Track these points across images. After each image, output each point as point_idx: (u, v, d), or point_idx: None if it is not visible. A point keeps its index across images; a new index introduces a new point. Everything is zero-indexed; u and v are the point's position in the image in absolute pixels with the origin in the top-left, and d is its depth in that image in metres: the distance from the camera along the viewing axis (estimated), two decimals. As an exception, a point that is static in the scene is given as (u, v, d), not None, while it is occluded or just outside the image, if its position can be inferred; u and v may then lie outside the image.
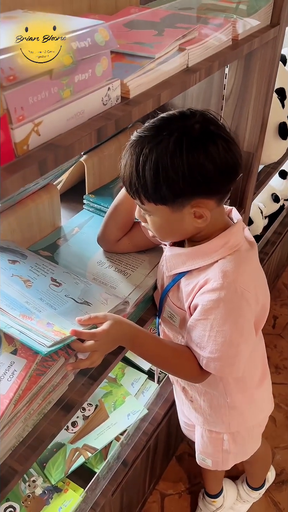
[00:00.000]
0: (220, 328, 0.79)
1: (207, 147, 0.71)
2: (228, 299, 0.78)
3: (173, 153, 0.70)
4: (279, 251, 2.00)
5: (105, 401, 1.26)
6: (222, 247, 0.81)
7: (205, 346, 0.81)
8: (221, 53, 0.84)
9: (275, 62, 1.09)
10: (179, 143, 0.70)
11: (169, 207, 0.76)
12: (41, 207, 1.03)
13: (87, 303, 0.84)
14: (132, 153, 0.75)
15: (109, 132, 0.59)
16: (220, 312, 0.78)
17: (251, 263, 0.85)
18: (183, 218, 0.77)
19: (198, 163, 0.71)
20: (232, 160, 0.74)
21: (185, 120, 0.73)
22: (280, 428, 1.66)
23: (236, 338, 0.80)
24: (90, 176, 1.16)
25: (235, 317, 0.80)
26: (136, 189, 0.75)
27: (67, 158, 0.53)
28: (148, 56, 0.69)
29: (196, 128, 0.72)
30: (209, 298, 0.79)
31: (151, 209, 0.78)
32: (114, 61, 0.67)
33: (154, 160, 0.71)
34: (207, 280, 0.80)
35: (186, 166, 0.70)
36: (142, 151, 0.72)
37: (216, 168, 0.72)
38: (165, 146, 0.71)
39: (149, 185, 0.73)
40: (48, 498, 1.07)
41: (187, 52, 0.75)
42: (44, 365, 0.74)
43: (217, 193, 0.76)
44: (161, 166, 0.71)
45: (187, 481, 1.52)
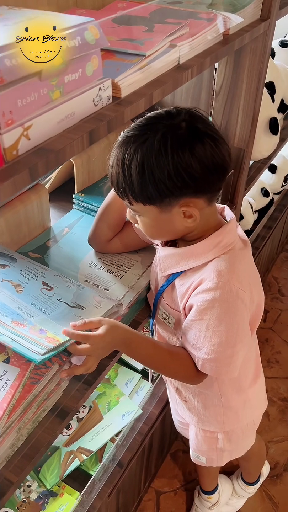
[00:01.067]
0: (216, 329, 0.78)
1: (193, 146, 0.70)
2: (223, 299, 0.77)
3: (158, 152, 0.69)
4: (269, 245, 2.01)
5: (99, 402, 1.24)
6: (216, 247, 0.80)
7: (200, 347, 0.80)
8: (212, 49, 0.82)
9: (265, 57, 1.08)
10: (164, 141, 0.69)
11: (158, 207, 0.74)
12: (30, 208, 1.00)
13: (80, 307, 0.82)
14: (118, 153, 0.73)
15: (101, 134, 0.57)
16: (215, 312, 0.77)
17: (245, 262, 0.84)
18: (172, 218, 0.76)
19: (184, 161, 0.70)
20: (220, 158, 0.73)
21: (171, 119, 0.72)
22: (273, 422, 1.67)
23: (232, 338, 0.79)
24: (79, 174, 1.14)
25: (231, 317, 0.79)
26: (123, 189, 0.74)
27: (58, 163, 0.51)
28: (139, 53, 0.67)
29: (182, 126, 0.71)
30: (204, 298, 0.78)
31: (140, 210, 0.77)
32: (103, 59, 0.65)
33: (139, 160, 0.70)
34: (202, 280, 0.79)
35: (171, 165, 0.69)
36: (129, 150, 0.71)
37: (203, 167, 0.71)
38: (150, 145, 0.70)
39: (135, 185, 0.72)
40: (44, 503, 1.06)
41: (178, 49, 0.73)
42: (37, 372, 0.72)
43: (206, 192, 0.75)
44: (147, 166, 0.70)
45: (182, 478, 1.52)
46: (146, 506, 1.45)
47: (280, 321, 2.05)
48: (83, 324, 0.74)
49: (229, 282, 0.77)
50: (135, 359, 0.83)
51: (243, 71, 1.10)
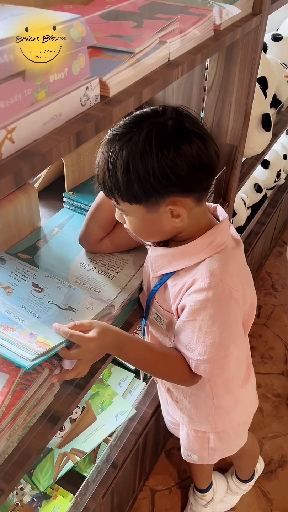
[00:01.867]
0: (209, 329, 0.77)
1: (179, 144, 0.69)
2: (216, 299, 0.76)
3: (143, 150, 0.68)
4: (262, 241, 2.00)
5: (92, 403, 1.23)
6: (208, 246, 0.79)
7: (194, 348, 0.79)
8: (203, 45, 0.80)
9: (258, 52, 1.06)
10: (149, 139, 0.68)
11: (144, 206, 0.73)
12: (19, 207, 0.98)
13: (71, 309, 0.81)
14: (104, 152, 0.72)
15: (89, 135, 0.55)
16: (208, 313, 0.76)
17: (238, 262, 0.83)
18: (160, 218, 0.75)
19: (169, 160, 0.68)
20: (207, 157, 0.72)
21: (158, 117, 0.71)
22: (267, 418, 1.67)
23: (225, 339, 0.78)
24: (69, 172, 1.12)
25: (224, 317, 0.78)
26: (109, 188, 0.73)
27: (44, 166, 0.49)
28: (128, 50, 0.65)
29: (168, 124, 0.70)
30: (197, 298, 0.76)
31: (127, 209, 0.75)
32: (91, 56, 0.63)
33: (124, 158, 0.69)
34: (194, 280, 0.78)
35: (156, 163, 0.68)
36: (113, 148, 0.70)
37: (190, 165, 0.70)
38: (135, 143, 0.69)
39: (121, 184, 0.71)
40: (37, 505, 1.05)
41: (168, 45, 0.71)
42: (27, 378, 0.70)
43: (193, 191, 0.74)
44: (132, 164, 0.69)
45: (177, 475, 1.52)
46: (141, 505, 1.44)
47: (273, 317, 2.05)
48: (73, 326, 0.72)
49: (222, 282, 0.76)
50: (128, 362, 0.83)
51: (235, 66, 1.08)
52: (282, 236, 2.46)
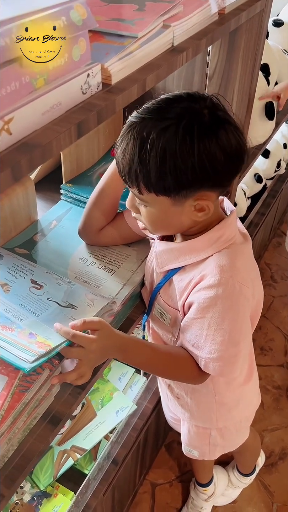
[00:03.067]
0: (219, 327, 0.74)
1: (218, 135, 0.66)
2: (226, 296, 0.73)
3: (182, 140, 0.64)
4: (262, 232, 1.97)
5: (92, 399, 1.21)
6: (216, 241, 0.76)
7: (202, 346, 0.76)
8: (207, 30, 0.77)
9: (261, 38, 1.02)
10: (190, 130, 0.64)
11: (171, 198, 0.70)
12: (15, 200, 0.95)
13: (72, 306, 0.78)
14: (135, 137, 0.67)
15: (91, 125, 0.52)
16: (218, 310, 0.73)
17: (246, 257, 0.80)
18: (182, 211, 0.72)
19: (209, 152, 0.65)
20: (241, 148, 0.69)
21: (193, 104, 0.67)
22: (268, 411, 1.66)
23: (236, 336, 0.76)
24: (66, 163, 1.08)
25: (234, 315, 0.75)
26: (136, 177, 0.68)
27: (44, 159, 0.46)
28: (130, 35, 0.61)
29: (205, 113, 0.67)
30: (206, 295, 0.74)
31: (150, 200, 0.71)
32: (92, 41, 0.59)
33: (161, 147, 0.65)
34: (203, 276, 0.75)
35: (196, 155, 0.65)
36: (147, 135, 0.65)
37: (227, 157, 0.67)
38: (174, 132, 0.64)
39: (152, 174, 0.66)
40: (37, 504, 1.03)
41: (172, 30, 0.68)
42: (27, 380, 0.68)
43: (222, 184, 0.72)
44: (169, 154, 0.65)
45: (178, 469, 1.51)
46: (141, 499, 1.44)
47: (273, 308, 2.03)
48: (82, 323, 0.69)
49: (232, 278, 0.73)
50: (133, 365, 0.80)
51: (238, 52, 1.04)
52: (281, 226, 2.43)
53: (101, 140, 1.16)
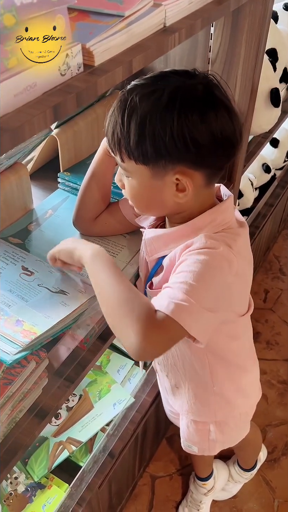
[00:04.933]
0: (196, 281, 0.66)
1: (205, 111, 0.64)
2: (210, 254, 0.67)
3: (165, 106, 0.63)
4: (270, 223, 1.93)
5: (90, 391, 1.20)
6: (208, 225, 0.73)
7: (176, 295, 0.66)
8: (204, 9, 0.73)
9: (266, 20, 0.98)
10: (174, 96, 0.63)
11: (150, 169, 0.68)
12: (8, 189, 0.93)
13: (63, 292, 0.77)
14: (121, 100, 0.67)
15: (69, 108, 0.49)
16: (198, 266, 0.66)
17: (241, 239, 0.75)
18: (163, 188, 0.70)
19: (191, 123, 0.63)
20: (230, 133, 0.67)
21: (188, 78, 0.66)
22: (272, 406, 1.64)
23: (210, 295, 0.68)
24: (64, 151, 1.06)
25: (214, 274, 0.68)
26: (118, 140, 0.67)
27: (14, 143, 0.43)
28: (117, 14, 0.58)
29: (198, 89, 0.65)
30: (190, 254, 0.69)
31: (130, 169, 0.70)
32: (75, 20, 0.56)
33: (142, 110, 0.64)
34: (189, 244, 0.70)
35: (176, 123, 0.63)
36: (132, 99, 0.65)
37: (211, 136, 0.65)
38: (158, 97, 0.63)
39: (132, 137, 0.65)
40: (31, 495, 1.03)
41: (163, 9, 0.64)
42: (11, 372, 0.66)
43: (206, 165, 0.68)
44: (149, 118, 0.64)
45: (178, 462, 1.50)
46: (141, 491, 1.43)
47: (280, 302, 1.99)
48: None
49: (219, 243, 0.69)
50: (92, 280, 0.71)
51: (241, 36, 1.00)
52: (292, 218, 2.38)
53: (100, 127, 1.13)
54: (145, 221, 0.86)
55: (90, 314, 0.79)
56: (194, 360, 0.89)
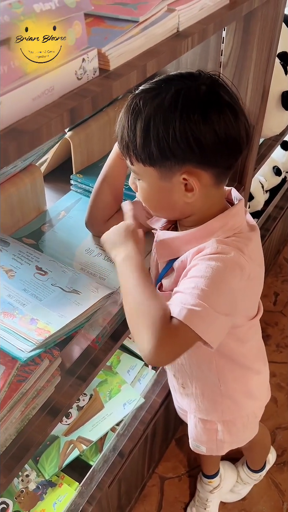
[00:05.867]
0: (207, 286, 0.67)
1: (208, 111, 0.65)
2: (221, 260, 0.68)
3: (167, 108, 0.65)
4: (280, 226, 1.93)
5: (100, 391, 1.21)
6: (219, 230, 0.73)
7: (187, 299, 0.66)
8: (217, 14, 0.74)
9: (278, 23, 0.98)
10: (176, 98, 0.65)
11: (158, 170, 0.69)
12: (23, 190, 0.94)
13: (76, 292, 0.78)
14: (127, 105, 0.69)
15: (85, 111, 0.50)
16: (210, 271, 0.67)
17: (252, 244, 0.76)
18: (172, 189, 0.71)
19: (192, 124, 0.65)
20: (235, 132, 0.68)
21: (191, 80, 0.68)
22: (281, 408, 1.63)
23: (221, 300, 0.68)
24: (76, 154, 1.07)
25: (225, 279, 0.68)
26: (126, 144, 0.70)
27: (33, 146, 0.45)
28: (131, 19, 0.59)
29: (201, 89, 0.66)
30: (201, 258, 0.69)
31: (140, 172, 0.72)
32: (91, 26, 0.58)
33: (146, 114, 0.66)
34: (201, 249, 0.72)
35: (178, 124, 0.64)
36: (137, 103, 0.67)
37: (214, 136, 0.66)
38: (160, 100, 0.65)
39: (138, 141, 0.67)
40: (42, 493, 1.04)
41: (177, 14, 0.65)
42: (25, 370, 0.68)
43: (212, 165, 0.69)
44: (153, 121, 0.65)
45: (187, 464, 1.50)
46: (150, 492, 1.43)
47: (290, 305, 1.98)
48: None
49: (231, 248, 0.70)
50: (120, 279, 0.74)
51: (253, 40, 1.01)
52: (302, 221, 2.37)
53: (112, 130, 1.14)
54: (157, 223, 0.87)
55: (103, 313, 0.80)
56: (201, 361, 0.89)
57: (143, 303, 0.68)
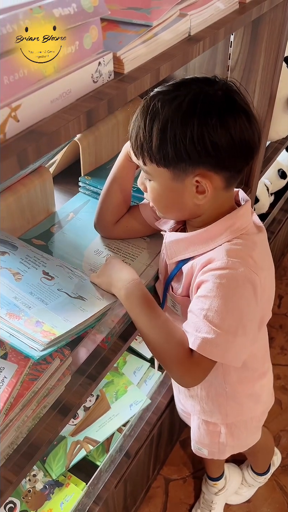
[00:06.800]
0: (219, 309, 0.70)
1: (224, 115, 0.67)
2: (232, 277, 0.70)
3: (185, 111, 0.66)
4: (285, 229, 1.93)
5: (107, 391, 1.22)
6: (226, 231, 0.74)
7: (200, 326, 0.71)
8: (227, 19, 0.75)
9: (285, 28, 0.99)
10: (194, 102, 0.66)
11: (171, 172, 0.70)
12: (32, 192, 0.95)
13: (81, 298, 0.78)
14: (144, 106, 0.70)
15: (101, 114, 0.51)
16: (221, 293, 0.70)
17: (259, 247, 0.77)
18: (183, 190, 0.72)
19: (210, 128, 0.66)
20: (249, 137, 0.69)
21: (208, 85, 0.69)
22: (286, 411, 1.63)
23: (234, 321, 0.71)
24: (85, 156, 1.08)
25: (237, 299, 0.71)
26: (141, 144, 0.71)
27: (51, 147, 0.46)
28: (145, 23, 0.60)
29: (218, 95, 0.68)
30: (212, 275, 0.71)
31: (152, 172, 0.72)
32: (105, 30, 0.59)
33: (164, 115, 0.67)
34: (211, 260, 0.73)
35: (196, 128, 0.66)
36: (154, 105, 0.68)
37: (230, 139, 0.67)
38: (179, 103, 0.66)
39: (154, 142, 0.68)
40: (49, 493, 1.05)
41: (189, 18, 0.66)
42: (37, 368, 0.68)
43: (226, 168, 0.71)
44: (170, 123, 0.66)
45: (192, 465, 1.50)
46: (155, 494, 1.43)
47: (295, 307, 1.99)
48: None
49: (240, 263, 0.71)
50: (130, 315, 0.77)
51: (261, 44, 1.02)
52: (306, 224, 2.38)
53: (120, 133, 1.16)
54: (165, 224, 0.88)
55: (112, 314, 0.81)
56: None
57: (159, 343, 0.74)
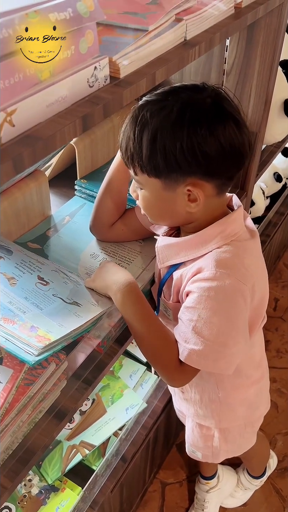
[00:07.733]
0: (208, 320, 0.71)
1: (214, 124, 0.66)
2: (221, 289, 0.71)
3: (174, 122, 0.65)
4: (281, 232, 1.94)
5: (103, 395, 1.21)
6: (217, 236, 0.74)
7: (189, 337, 0.72)
8: (222, 24, 0.75)
9: (281, 33, 1.00)
10: (183, 112, 0.65)
11: (162, 182, 0.70)
12: (28, 195, 0.95)
13: (76, 304, 0.78)
14: (133, 116, 0.69)
15: (96, 119, 0.51)
16: (209, 303, 0.71)
17: (249, 254, 0.77)
18: (175, 199, 0.72)
19: (200, 137, 0.65)
20: (239, 144, 0.69)
21: (197, 92, 0.69)
22: (282, 414, 1.63)
23: (224, 332, 0.72)
24: (81, 159, 1.08)
25: (226, 310, 0.72)
26: (131, 155, 0.70)
27: (47, 152, 0.45)
28: (141, 28, 0.61)
29: (206, 102, 0.67)
30: (200, 286, 0.72)
31: (144, 182, 0.72)
32: (101, 34, 0.59)
33: (153, 126, 0.66)
34: (200, 269, 0.73)
35: (185, 138, 0.65)
36: (143, 115, 0.67)
37: (220, 148, 0.67)
38: (167, 113, 0.66)
39: (144, 153, 0.68)
40: (45, 498, 1.04)
41: (184, 23, 0.67)
42: (33, 373, 0.68)
43: (217, 176, 0.70)
44: (160, 134, 0.66)
45: (188, 469, 1.50)
46: (151, 498, 1.43)
47: (290, 310, 1.99)
48: None
49: (228, 274, 0.71)
50: (124, 316, 0.77)
51: (256, 48, 1.03)
52: (302, 227, 2.39)
53: (116, 136, 1.15)
54: (160, 228, 0.88)
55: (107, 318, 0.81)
56: None
57: (153, 350, 0.77)
